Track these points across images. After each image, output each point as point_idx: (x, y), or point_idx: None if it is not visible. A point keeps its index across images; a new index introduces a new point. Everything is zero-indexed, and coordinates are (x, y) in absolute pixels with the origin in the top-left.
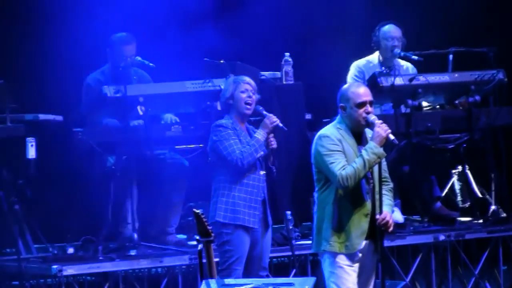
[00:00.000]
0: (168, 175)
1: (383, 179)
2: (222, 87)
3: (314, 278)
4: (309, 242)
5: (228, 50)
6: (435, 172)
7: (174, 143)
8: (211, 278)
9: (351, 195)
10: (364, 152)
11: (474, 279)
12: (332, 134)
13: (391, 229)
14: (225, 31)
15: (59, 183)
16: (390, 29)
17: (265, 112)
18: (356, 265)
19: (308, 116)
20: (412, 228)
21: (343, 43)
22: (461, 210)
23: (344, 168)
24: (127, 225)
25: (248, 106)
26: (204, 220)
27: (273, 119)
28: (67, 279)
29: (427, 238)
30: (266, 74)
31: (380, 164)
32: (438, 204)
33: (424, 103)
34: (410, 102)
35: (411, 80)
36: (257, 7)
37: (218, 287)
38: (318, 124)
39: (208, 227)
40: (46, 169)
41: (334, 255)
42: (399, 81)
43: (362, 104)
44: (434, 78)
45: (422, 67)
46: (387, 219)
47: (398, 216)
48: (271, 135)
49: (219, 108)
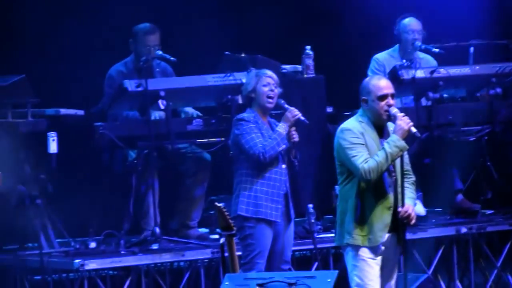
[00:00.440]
0: (190, 169)
1: (405, 172)
2: (243, 80)
3: (336, 271)
4: (331, 235)
5: (249, 44)
6: (456, 164)
7: (195, 137)
8: (234, 271)
9: (374, 188)
10: (386, 145)
11: (496, 271)
12: (354, 127)
13: (413, 222)
14: (246, 24)
15: (80, 178)
16: (411, 22)
17: (286, 106)
18: (379, 258)
19: (329, 109)
20: (434, 221)
21: (364, 36)
22: (483, 203)
23: (366, 161)
24: (149, 219)
25: (270, 100)
26: (226, 213)
27: (294, 113)
28: (89, 274)
29: (449, 231)
30: (287, 67)
31: (402, 157)
32: (460, 196)
33: None
34: (431, 94)
35: (432, 72)
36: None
37: (241, 280)
38: (339, 117)
39: (230, 221)
40: (68, 163)
41: (357, 248)
42: (420, 73)
43: (383, 97)
44: (455, 71)
45: (443, 60)
46: (409, 212)
47: (420, 209)
48: (293, 129)
49: (240, 101)
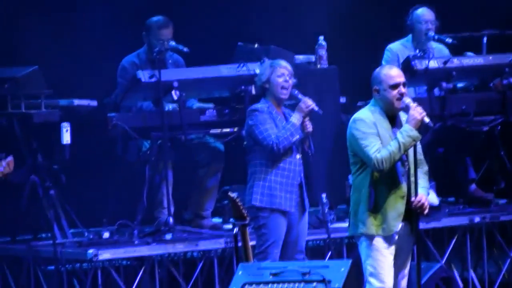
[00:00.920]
0: (203, 159)
1: (418, 162)
2: (257, 71)
3: (350, 261)
4: (344, 224)
5: (262, 34)
6: (470, 154)
7: (209, 128)
8: (247, 261)
9: (387, 178)
10: (399, 135)
11: (509, 260)
12: (366, 117)
13: (426, 211)
14: (258, 15)
15: (94, 168)
16: (424, 12)
17: (300, 96)
18: (393, 247)
19: (342, 100)
20: (447, 210)
21: (378, 26)
22: (496, 192)
23: (379, 151)
24: (163, 209)
25: (285, 91)
26: (239, 203)
27: (308, 103)
28: (102, 264)
29: (462, 220)
30: (300, 58)
31: (415, 146)
32: (473, 186)
33: None
34: (444, 84)
35: (445, 63)
36: None
37: (254, 270)
38: (352, 107)
39: (243, 211)
40: (81, 154)
41: (371, 237)
42: (433, 64)
43: (395, 86)
44: (468, 61)
45: (456, 50)
46: (423, 201)
47: (433, 198)
48: (307, 119)
49: (253, 92)
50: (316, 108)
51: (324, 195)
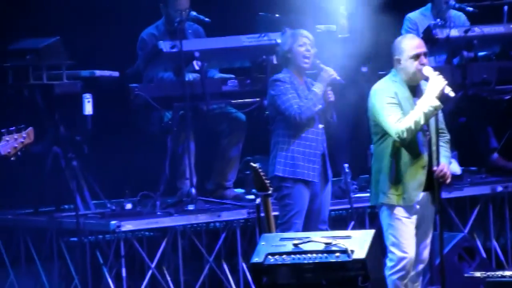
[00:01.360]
0: (225, 129)
1: (440, 131)
2: (278, 41)
3: (373, 231)
4: (366, 194)
5: (283, 4)
6: (491, 123)
7: (230, 98)
8: (270, 232)
9: (408, 148)
10: (420, 104)
11: None
12: (387, 87)
13: (448, 180)
14: None
15: (116, 139)
16: None
17: (322, 65)
18: (414, 217)
19: (364, 69)
20: (469, 179)
21: None
22: None
23: (401, 121)
24: (185, 180)
25: (306, 60)
26: (262, 174)
27: (330, 72)
28: (125, 235)
29: (485, 190)
30: (321, 28)
31: (436, 116)
32: (495, 155)
33: None
34: (465, 53)
35: (466, 31)
36: None
37: (277, 240)
38: (374, 76)
39: (265, 181)
40: (103, 125)
41: (392, 207)
42: (454, 32)
43: (416, 56)
44: (489, 30)
45: (475, 19)
46: (445, 170)
47: (455, 167)
48: (329, 88)
49: (275, 62)
50: (338, 78)
51: (346, 165)
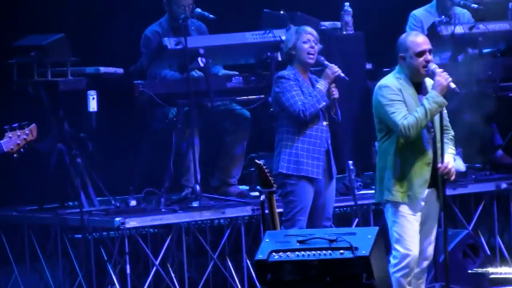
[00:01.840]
0: (230, 126)
1: (444, 128)
2: (283, 37)
3: (377, 228)
4: (371, 191)
5: (288, 0)
6: (496, 120)
7: (235, 94)
8: (274, 229)
9: (413, 145)
10: (425, 101)
11: None
12: (392, 84)
13: (453, 177)
14: None
15: (120, 136)
16: None
17: (326, 62)
18: (419, 214)
19: (368, 66)
20: (474, 176)
21: None
22: None
23: (405, 118)
24: (189, 177)
25: (311, 56)
26: (266, 171)
27: (334, 69)
28: (129, 232)
29: (489, 187)
30: (326, 24)
31: (441, 112)
32: (500, 152)
33: None
34: (470, 50)
35: (471, 28)
36: None
37: (281, 237)
38: (378, 73)
39: (269, 178)
40: (108, 122)
41: (397, 204)
42: (459, 29)
43: (421, 53)
44: (494, 26)
45: (480, 16)
46: (449, 167)
47: (459, 164)
48: (333, 85)
49: (279, 58)
50: (342, 75)
51: (351, 162)
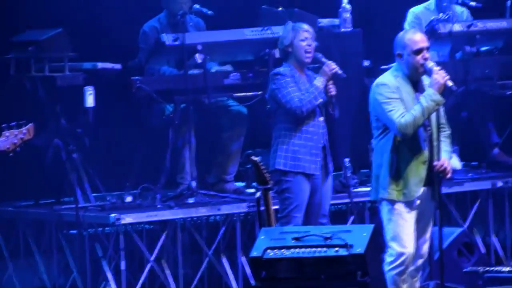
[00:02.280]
0: (226, 123)
1: (441, 126)
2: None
3: (372, 225)
4: (367, 189)
5: None
6: (493, 118)
7: (232, 91)
8: (269, 225)
9: (409, 143)
10: (422, 99)
11: None
12: (389, 81)
13: (449, 175)
14: None
15: (117, 132)
16: None
17: (324, 59)
18: (414, 212)
19: (366, 63)
20: (470, 174)
21: None
22: None
23: (403, 116)
24: (185, 173)
25: (308, 54)
26: (262, 167)
27: (332, 66)
28: (125, 228)
29: (485, 185)
30: (324, 21)
31: (438, 111)
32: (496, 150)
33: None
34: (468, 48)
35: (469, 26)
36: None
37: (276, 234)
38: (376, 71)
39: (266, 175)
40: (104, 117)
41: (392, 202)
42: (457, 27)
43: (419, 51)
44: (492, 24)
45: (478, 14)
46: (445, 165)
47: (456, 162)
48: (330, 82)
49: (277, 55)
50: (340, 72)
51: (347, 159)
